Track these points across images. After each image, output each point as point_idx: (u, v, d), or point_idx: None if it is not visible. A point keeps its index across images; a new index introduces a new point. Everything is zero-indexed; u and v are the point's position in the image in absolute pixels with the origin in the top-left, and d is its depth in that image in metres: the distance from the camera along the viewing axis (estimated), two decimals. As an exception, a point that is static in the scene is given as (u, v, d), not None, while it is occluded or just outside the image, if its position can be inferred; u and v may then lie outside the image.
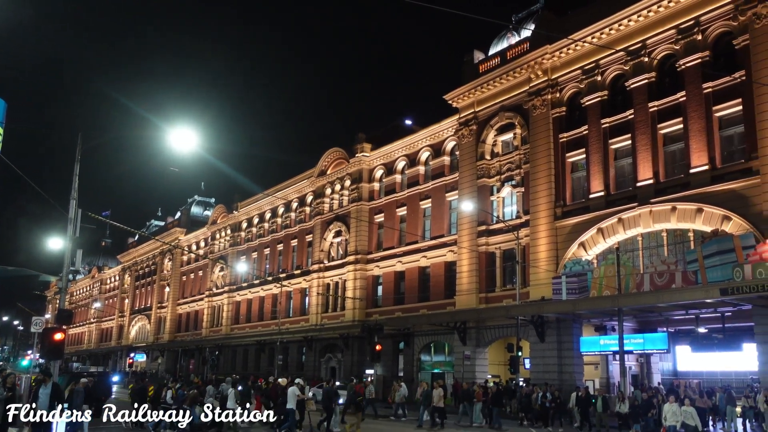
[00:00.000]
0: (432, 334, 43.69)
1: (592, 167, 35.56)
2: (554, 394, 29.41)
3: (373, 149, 53.79)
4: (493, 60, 42.61)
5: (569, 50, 37.08)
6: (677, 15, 32.30)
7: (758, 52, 28.65)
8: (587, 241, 34.74)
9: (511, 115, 40.82)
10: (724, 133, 30.64)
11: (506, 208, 41.14)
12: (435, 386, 28.02)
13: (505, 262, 40.20)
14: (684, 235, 31.28)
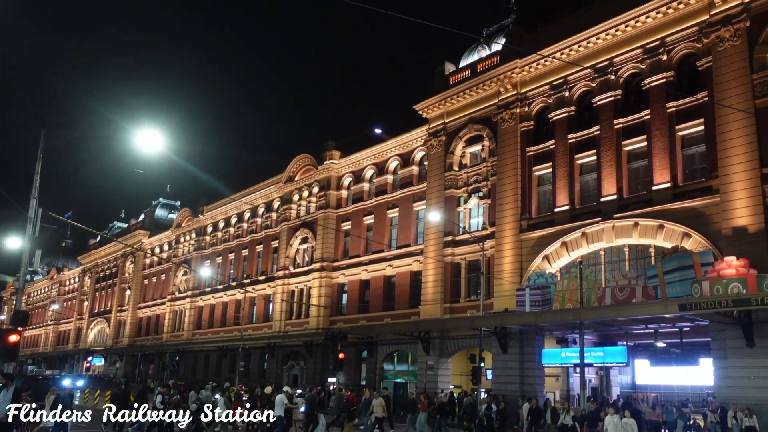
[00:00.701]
0: (396, 343, 43.67)
1: (557, 181, 36.02)
2: (500, 406, 29.43)
3: (342, 157, 53.77)
4: (463, 72, 42.98)
5: (538, 65, 37.59)
6: (644, 35, 32.98)
7: (720, 74, 29.38)
8: (551, 254, 35.13)
9: (480, 127, 41.18)
10: (686, 151, 31.32)
11: (473, 220, 41.41)
12: (375, 396, 27.22)
13: (470, 273, 40.43)
14: (645, 250, 31.84)
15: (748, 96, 28.19)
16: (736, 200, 27.73)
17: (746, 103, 27.99)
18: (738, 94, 28.42)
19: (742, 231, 27.28)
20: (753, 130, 27.74)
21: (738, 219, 27.52)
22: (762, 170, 27.28)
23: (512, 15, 43.57)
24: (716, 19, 29.84)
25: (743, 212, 27.43)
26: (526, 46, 38.04)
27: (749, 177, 27.51)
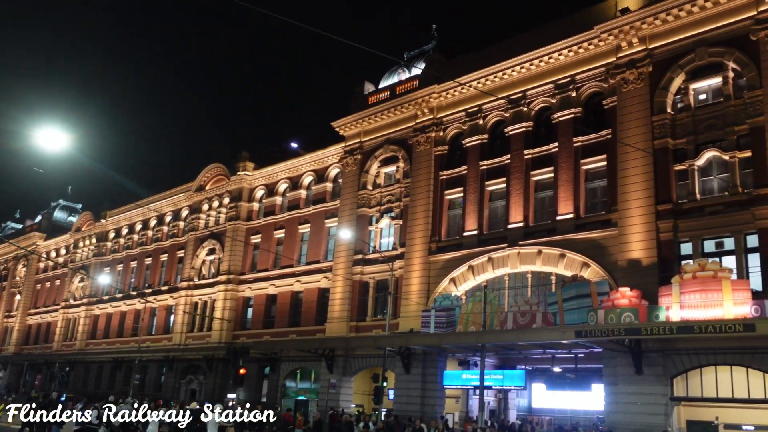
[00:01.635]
0: (299, 360, 43.12)
1: (468, 206, 36.83)
2: (376, 424, 29.52)
3: (256, 169, 53.04)
4: (382, 93, 43.45)
5: (455, 92, 38.47)
6: (556, 71, 34.41)
7: (624, 113, 30.99)
8: (458, 277, 35.76)
9: (396, 148, 41.66)
10: (589, 185, 32.75)
11: (384, 239, 41.67)
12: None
13: (378, 292, 40.56)
14: (547, 277, 32.93)
15: (647, 136, 29.82)
16: (633, 234, 29.17)
17: (645, 143, 29.60)
18: (639, 134, 30.03)
19: (636, 263, 28.68)
20: (651, 169, 29.33)
21: (633, 252, 28.94)
22: (657, 207, 28.84)
23: (433, 41, 44.52)
24: (622, 61, 31.51)
25: (638, 246, 28.87)
26: (444, 72, 38.90)
27: (645, 213, 29.02)
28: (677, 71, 29.89)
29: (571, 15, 34.81)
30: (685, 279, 25.09)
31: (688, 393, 26.66)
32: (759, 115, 26.92)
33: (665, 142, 29.43)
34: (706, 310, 24.14)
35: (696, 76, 29.76)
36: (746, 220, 26.48)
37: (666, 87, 30.12)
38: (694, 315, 24.25)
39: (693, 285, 24.70)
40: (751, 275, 25.96)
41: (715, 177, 28.32)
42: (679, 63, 29.83)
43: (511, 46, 36.41)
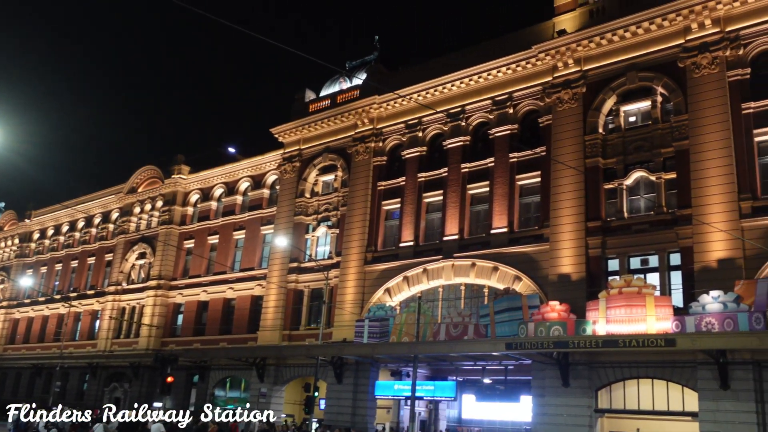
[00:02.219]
0: (230, 368, 42.32)
1: (405, 217, 37.07)
2: None
3: (192, 172, 52.02)
4: (323, 101, 43.38)
5: (396, 104, 38.75)
6: (494, 88, 35.09)
7: (558, 132, 31.86)
8: (393, 288, 35.89)
9: (335, 157, 41.60)
10: (523, 200, 33.47)
11: (320, 248, 41.46)
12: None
13: (313, 301, 40.30)
14: (480, 290, 33.41)
15: (580, 155, 30.72)
16: (563, 249, 29.94)
17: (578, 161, 30.48)
18: (572, 152, 30.91)
19: (566, 278, 29.43)
20: (582, 187, 30.21)
21: (563, 267, 29.69)
22: (587, 224, 29.70)
23: (375, 52, 44.74)
24: (558, 81, 32.42)
25: (568, 261, 29.65)
26: (385, 83, 39.16)
27: (575, 229, 29.85)
28: (609, 93, 30.95)
29: (510, 34, 35.61)
30: (612, 294, 25.88)
31: (612, 405, 27.47)
32: (684, 139, 28.12)
33: (596, 161, 30.39)
34: (630, 325, 24.94)
35: (627, 99, 30.88)
36: (670, 239, 27.58)
37: (598, 108, 31.13)
38: (619, 329, 25.02)
39: (619, 300, 25.50)
40: (673, 292, 27.04)
41: (642, 197, 29.39)
42: (612, 85, 30.90)
43: (451, 61, 36.96)
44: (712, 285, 24.57)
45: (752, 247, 24.98)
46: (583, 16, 32.50)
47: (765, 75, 27.58)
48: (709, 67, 28.03)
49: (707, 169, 26.96)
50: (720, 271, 25.42)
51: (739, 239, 25.32)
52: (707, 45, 28.27)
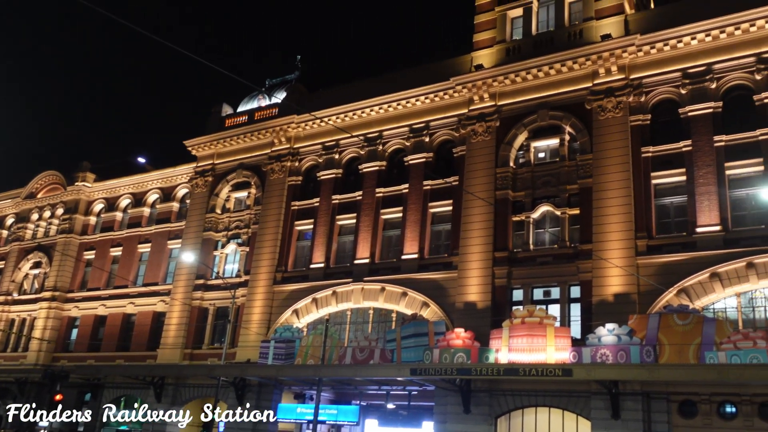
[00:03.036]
0: (126, 387, 40.46)
1: (317, 239, 36.90)
2: None
3: (97, 181, 50.01)
4: (240, 117, 42.83)
5: (314, 124, 38.73)
6: (412, 116, 35.69)
7: (471, 163, 32.69)
8: (301, 309, 35.53)
9: (249, 174, 41.04)
10: (435, 227, 34.03)
11: (228, 265, 40.59)
12: None
13: (218, 319, 39.30)
14: (388, 315, 33.55)
15: (491, 186, 31.61)
16: (471, 278, 30.57)
17: (488, 193, 31.33)
18: (483, 183, 31.77)
19: (472, 306, 30.03)
20: (491, 218, 31.03)
21: (470, 295, 30.29)
22: (494, 254, 30.48)
23: (297, 71, 44.65)
24: (473, 114, 33.34)
25: (475, 289, 30.28)
26: (305, 104, 39.12)
27: (483, 258, 30.57)
28: (521, 129, 32.09)
29: (430, 64, 36.44)
30: (515, 324, 26.56)
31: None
32: (588, 177, 29.45)
33: (506, 194, 31.35)
34: (531, 354, 25.64)
35: (537, 136, 32.10)
36: (571, 272, 28.69)
37: (510, 142, 32.19)
38: (521, 358, 25.67)
39: (521, 330, 26.19)
40: (572, 323, 28.07)
41: (547, 230, 30.49)
42: (524, 121, 32.07)
43: (371, 86, 37.38)
44: (608, 318, 25.71)
45: (646, 283, 26.34)
46: (500, 53, 33.67)
47: (663, 122, 29.39)
48: (613, 111, 29.59)
49: (608, 207, 28.32)
50: (616, 304, 26.64)
51: (634, 275, 26.65)
52: (613, 90, 29.87)
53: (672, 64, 29.31)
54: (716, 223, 26.46)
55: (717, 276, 25.62)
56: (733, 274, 25.39)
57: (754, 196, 26.50)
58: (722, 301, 25.97)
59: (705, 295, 25.77)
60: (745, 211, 26.84)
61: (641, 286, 26.59)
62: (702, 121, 28.08)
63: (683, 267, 26.37)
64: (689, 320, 23.70)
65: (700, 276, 25.90)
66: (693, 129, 28.22)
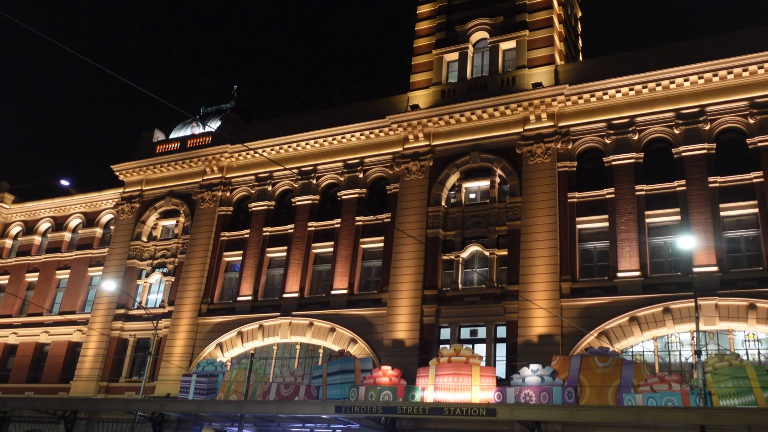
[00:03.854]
0: (34, 421, 38.20)
1: (245, 271, 36.29)
2: None
3: (16, 202, 47.89)
4: (172, 144, 42.04)
5: (248, 155, 38.41)
6: (347, 151, 35.90)
7: (404, 200, 33.03)
8: (226, 343, 34.68)
9: (179, 202, 40.18)
10: (365, 263, 34.03)
11: (152, 295, 39.34)
12: None
13: (138, 351, 37.88)
14: (315, 350, 33.14)
15: (422, 225, 31.97)
16: (399, 315, 30.63)
17: (419, 231, 31.66)
18: (415, 221, 32.12)
19: (400, 344, 30.01)
20: (422, 255, 31.32)
21: (398, 332, 30.30)
22: (424, 292, 30.70)
23: (233, 101, 44.36)
24: (408, 152, 33.81)
25: (403, 327, 30.33)
26: (240, 134, 38.83)
27: (412, 296, 30.73)
28: (454, 169, 32.72)
29: (367, 102, 36.85)
30: (442, 362, 26.65)
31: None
32: (517, 220, 30.19)
33: (437, 233, 31.75)
34: (457, 393, 25.73)
35: (469, 177, 32.79)
36: (498, 312, 29.14)
37: (443, 182, 32.74)
38: (447, 397, 25.72)
39: (447, 368, 26.29)
40: (498, 363, 28.42)
41: (476, 270, 30.97)
42: (456, 162, 32.72)
43: (308, 119, 37.50)
44: (532, 358, 26.17)
45: (569, 325, 27.02)
46: (435, 94, 34.42)
47: (589, 169, 30.55)
48: (542, 157, 30.58)
49: (535, 250, 29.05)
50: (540, 345, 27.17)
51: (558, 317, 27.31)
52: (542, 136, 30.91)
53: (598, 115, 30.64)
54: (636, 269, 27.51)
55: (636, 320, 26.56)
56: (651, 318, 26.39)
57: (671, 244, 27.72)
58: (640, 344, 26.88)
59: (624, 338, 26.62)
60: (663, 258, 28.02)
61: (564, 327, 27.25)
62: (625, 170, 29.34)
63: (604, 310, 27.22)
64: (609, 363, 24.36)
65: (620, 319, 26.79)
66: (616, 177, 29.43)
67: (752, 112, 27.69)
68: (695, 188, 27.77)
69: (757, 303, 24.89)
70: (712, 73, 28.47)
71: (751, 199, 26.91)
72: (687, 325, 25.74)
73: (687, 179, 28.03)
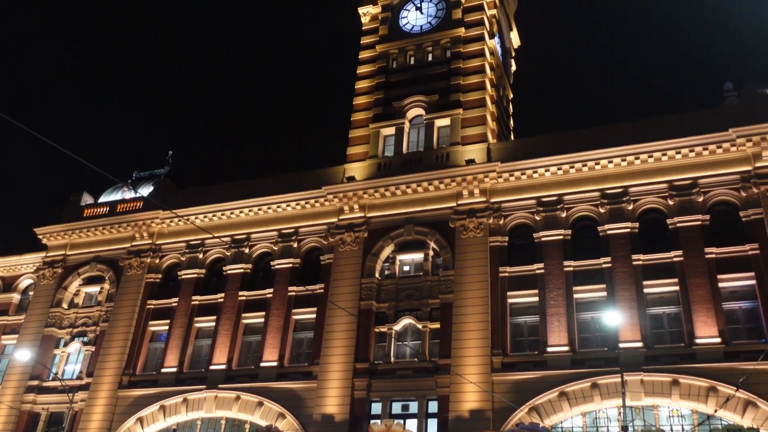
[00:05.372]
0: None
1: (171, 341, 34.99)
2: None
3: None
4: (101, 208, 40.87)
5: (179, 222, 37.68)
6: (281, 221, 35.66)
7: (338, 271, 32.85)
8: (147, 417, 33.01)
9: (105, 268, 38.77)
10: (297, 335, 33.37)
11: (69, 366, 37.31)
12: None
13: (50, 426, 35.53)
14: (242, 425, 31.85)
15: (355, 296, 31.76)
16: (330, 389, 29.93)
17: (353, 303, 31.41)
18: (348, 293, 31.88)
19: (330, 418, 29.21)
20: (354, 327, 30.97)
21: (329, 407, 29.54)
22: (355, 365, 30.20)
23: (167, 167, 43.76)
24: (343, 224, 33.87)
25: (334, 401, 29.60)
26: (172, 200, 38.19)
27: (344, 369, 30.16)
28: (388, 241, 32.89)
29: (303, 172, 36.95)
30: (372, 438, 26.03)
31: None
32: (449, 293, 30.38)
33: (370, 305, 31.57)
34: (386, 471, 25.07)
35: (403, 249, 32.99)
36: (429, 387, 28.86)
37: (377, 254, 32.81)
38: (376, 475, 25.01)
39: (378, 445, 25.68)
40: (429, 439, 27.92)
41: (408, 343, 30.77)
42: (391, 234, 32.94)
43: (243, 188, 37.26)
44: (463, 435, 25.80)
45: (499, 400, 26.95)
46: (372, 167, 34.89)
47: (519, 245, 31.26)
48: (475, 231, 31.15)
49: (467, 324, 29.18)
50: (471, 421, 26.93)
51: (489, 392, 27.24)
52: (475, 211, 31.57)
53: (528, 192, 31.59)
54: (565, 344, 27.90)
55: (565, 395, 26.74)
56: (580, 393, 26.62)
57: (598, 319, 28.32)
58: (570, 419, 27.00)
59: (554, 413, 26.70)
60: (591, 333, 28.56)
61: (495, 403, 27.17)
62: (554, 247, 30.13)
63: (535, 385, 27.35)
64: (539, 439, 24.29)
65: (549, 394, 26.92)
66: (546, 253, 30.16)
67: (671, 194, 29.12)
68: (620, 265, 28.69)
69: (680, 379, 25.52)
70: (634, 156, 29.94)
71: (672, 277, 27.94)
72: (614, 401, 26.06)
73: (612, 256, 28.98)
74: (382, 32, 39.55)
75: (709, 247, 27.70)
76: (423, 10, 39.28)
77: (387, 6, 40.25)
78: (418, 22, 39.11)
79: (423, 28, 38.73)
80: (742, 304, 27.08)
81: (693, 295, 27.03)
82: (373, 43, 39.45)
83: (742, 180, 28.32)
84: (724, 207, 28.72)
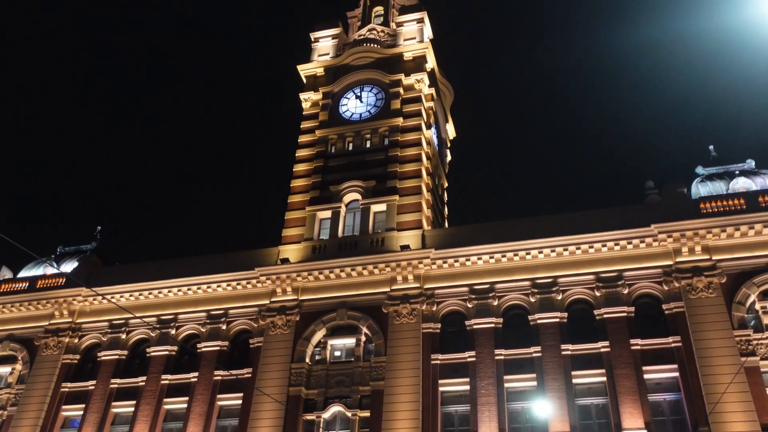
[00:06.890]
0: None
1: (85, 427, 32.91)
2: None
3: None
4: (20, 283, 38.89)
5: (103, 300, 36.21)
6: (211, 301, 34.70)
7: (267, 355, 31.94)
8: None
9: (18, 347, 36.57)
10: (221, 422, 31.88)
11: (-32, 455, 34.42)
12: None
13: None
14: None
15: (284, 382, 30.81)
16: (253, 481, 28.43)
17: (281, 389, 30.43)
18: (277, 378, 30.92)
19: None
20: (282, 415, 29.86)
21: (250, 500, 27.97)
22: (282, 455, 28.89)
23: (94, 242, 42.33)
24: (275, 306, 33.22)
25: (257, 494, 28.07)
26: (98, 277, 36.84)
27: (270, 459, 28.79)
28: (320, 325, 32.35)
29: (235, 252, 36.35)
30: None
31: None
32: (381, 380, 29.84)
33: (299, 391, 30.65)
34: None
35: (335, 334, 32.48)
36: (358, 479, 27.78)
37: (308, 338, 32.17)
38: None
39: None
40: None
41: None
42: (323, 318, 32.45)
43: (172, 267, 36.29)
44: None
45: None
46: (306, 249, 34.68)
47: (451, 332, 31.24)
48: (408, 317, 31.03)
49: (397, 412, 28.58)
50: None
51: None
52: (408, 297, 31.56)
53: (461, 279, 31.90)
54: (496, 435, 27.50)
55: (495, 488, 26.11)
56: (510, 487, 26.06)
57: (528, 409, 28.20)
58: None
59: (484, 508, 25.99)
60: (521, 423, 28.35)
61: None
62: (485, 335, 30.23)
63: (465, 478, 26.69)
64: None
65: (480, 488, 26.26)
66: (477, 341, 30.20)
67: (598, 285, 29.93)
68: (550, 355, 28.94)
69: (609, 472, 25.42)
70: (563, 247, 30.82)
71: (600, 368, 28.31)
72: (544, 495, 25.65)
73: (542, 346, 29.24)
74: (322, 118, 40.32)
75: (634, 339, 28.36)
76: (363, 98, 40.41)
77: (328, 93, 41.21)
78: (357, 110, 40.12)
79: (362, 116, 39.71)
80: (666, 396, 27.56)
81: (620, 386, 27.37)
82: (313, 127, 40.09)
83: (664, 274, 29.46)
84: (647, 299, 29.67)
